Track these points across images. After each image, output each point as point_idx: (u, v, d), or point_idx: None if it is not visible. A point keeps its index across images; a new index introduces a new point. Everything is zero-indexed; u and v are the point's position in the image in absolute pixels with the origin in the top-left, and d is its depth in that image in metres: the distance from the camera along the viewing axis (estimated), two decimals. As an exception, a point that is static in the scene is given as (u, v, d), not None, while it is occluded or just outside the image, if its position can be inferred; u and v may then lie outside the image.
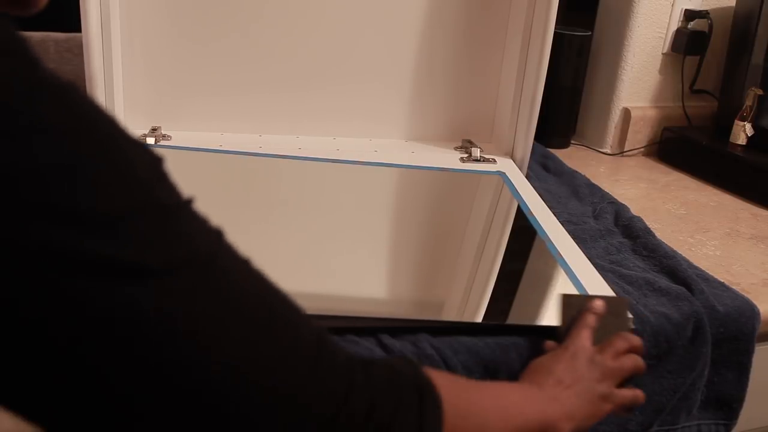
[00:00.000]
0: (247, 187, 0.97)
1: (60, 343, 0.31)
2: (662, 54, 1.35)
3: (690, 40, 1.32)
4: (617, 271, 0.85)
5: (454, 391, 0.48)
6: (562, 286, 0.76)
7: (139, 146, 0.36)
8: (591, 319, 0.66)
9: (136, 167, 0.34)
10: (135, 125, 1.06)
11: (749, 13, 1.24)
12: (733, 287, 0.86)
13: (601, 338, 0.65)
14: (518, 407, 0.54)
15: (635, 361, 0.65)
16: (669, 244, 0.93)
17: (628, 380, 0.65)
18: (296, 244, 0.84)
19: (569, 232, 0.89)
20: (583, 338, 0.64)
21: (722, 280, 0.87)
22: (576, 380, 0.60)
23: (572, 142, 1.41)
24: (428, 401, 0.43)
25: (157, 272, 0.33)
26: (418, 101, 1.16)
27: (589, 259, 0.87)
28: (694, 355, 0.78)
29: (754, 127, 1.24)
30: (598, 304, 0.68)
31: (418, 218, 0.96)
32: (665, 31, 1.34)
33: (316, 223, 0.87)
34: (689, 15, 1.33)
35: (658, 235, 0.96)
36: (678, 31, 1.34)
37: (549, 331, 0.69)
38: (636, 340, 0.66)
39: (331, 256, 0.81)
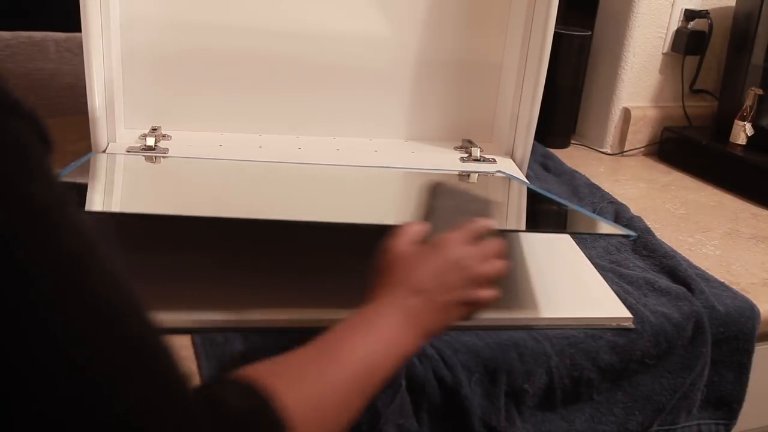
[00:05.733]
0: (247, 192, 0.97)
1: None
2: (662, 54, 1.35)
3: (690, 40, 1.32)
4: (617, 270, 0.86)
5: (307, 395, 0.46)
6: None
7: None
8: (474, 226, 0.63)
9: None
10: (135, 125, 1.06)
11: (749, 13, 1.24)
12: (733, 287, 0.86)
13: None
14: (383, 355, 0.53)
15: (501, 267, 0.62)
16: (669, 244, 0.93)
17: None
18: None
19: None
20: (457, 240, 0.61)
21: (722, 280, 0.87)
22: (442, 290, 0.58)
23: (572, 142, 1.41)
24: None
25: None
26: (418, 101, 1.16)
27: (589, 259, 0.87)
28: (694, 355, 0.78)
29: (754, 127, 1.24)
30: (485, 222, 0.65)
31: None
32: (665, 31, 1.34)
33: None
34: (689, 15, 1.33)
35: (658, 235, 0.96)
36: (678, 31, 1.34)
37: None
38: (505, 245, 0.63)
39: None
